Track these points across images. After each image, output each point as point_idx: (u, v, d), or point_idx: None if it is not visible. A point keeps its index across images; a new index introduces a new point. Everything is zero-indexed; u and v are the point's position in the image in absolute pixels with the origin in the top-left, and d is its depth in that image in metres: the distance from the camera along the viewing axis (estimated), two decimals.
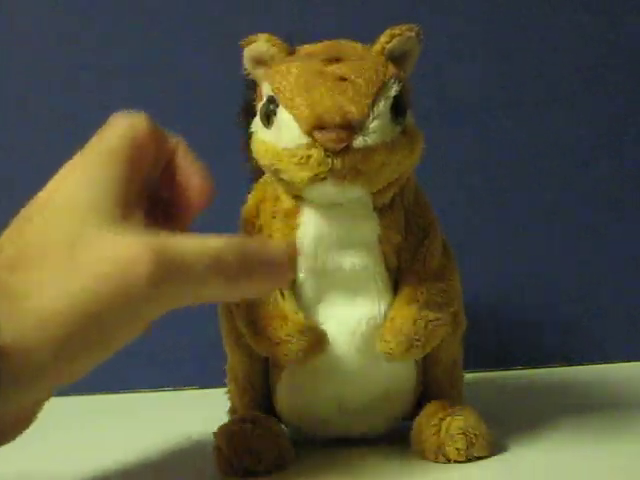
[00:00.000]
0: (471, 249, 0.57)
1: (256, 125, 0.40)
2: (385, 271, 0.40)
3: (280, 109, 0.38)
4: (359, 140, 0.36)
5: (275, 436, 0.41)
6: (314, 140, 0.36)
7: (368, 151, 0.36)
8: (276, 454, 0.40)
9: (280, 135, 0.38)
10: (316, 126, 0.36)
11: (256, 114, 0.40)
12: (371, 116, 0.36)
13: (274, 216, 0.41)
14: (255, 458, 0.39)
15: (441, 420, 0.40)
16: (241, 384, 0.44)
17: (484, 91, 0.64)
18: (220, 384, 0.46)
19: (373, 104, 0.37)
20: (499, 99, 0.64)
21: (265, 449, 0.40)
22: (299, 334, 0.39)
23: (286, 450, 0.41)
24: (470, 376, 0.48)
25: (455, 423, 0.40)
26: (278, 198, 0.41)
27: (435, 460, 0.40)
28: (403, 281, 0.41)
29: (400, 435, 0.43)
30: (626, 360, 0.63)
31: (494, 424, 0.41)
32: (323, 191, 0.37)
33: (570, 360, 0.64)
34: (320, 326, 0.40)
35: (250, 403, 0.44)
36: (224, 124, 0.44)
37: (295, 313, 0.40)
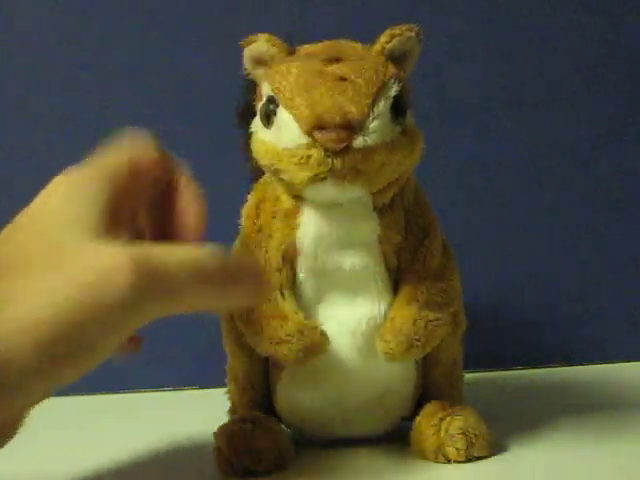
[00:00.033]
0: (471, 249, 0.57)
1: (256, 125, 0.40)
2: (385, 271, 0.40)
3: (280, 109, 0.38)
4: (359, 140, 0.36)
5: (275, 436, 0.41)
6: (314, 140, 0.36)
7: (368, 151, 0.36)
8: (276, 454, 0.40)
9: (280, 135, 0.38)
10: (316, 126, 0.36)
11: (256, 114, 0.40)
12: (371, 116, 0.36)
13: (274, 216, 0.41)
14: (255, 458, 0.39)
15: (441, 420, 0.40)
16: (241, 384, 0.44)
17: (484, 91, 0.64)
18: (220, 384, 0.46)
19: (373, 104, 0.37)
20: (499, 99, 0.64)
21: (265, 449, 0.40)
22: (299, 334, 0.39)
23: (286, 450, 0.41)
24: (470, 376, 0.48)
25: (455, 423, 0.40)
26: (278, 198, 0.41)
27: (435, 460, 0.40)
28: (403, 281, 0.41)
29: (400, 435, 0.43)
30: (626, 360, 0.63)
31: (494, 424, 0.41)
32: (323, 191, 0.37)
33: (570, 360, 0.64)
34: (320, 326, 0.40)
35: (250, 403, 0.44)
36: (224, 124, 0.44)
37: (295, 313, 0.40)
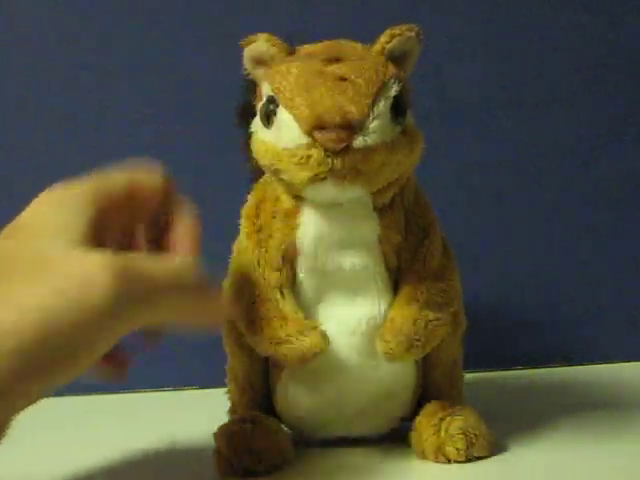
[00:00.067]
0: (471, 249, 0.57)
1: (256, 125, 0.40)
2: (385, 271, 0.40)
3: (280, 109, 0.38)
4: (359, 140, 0.36)
5: (275, 436, 0.41)
6: (314, 140, 0.36)
7: (368, 151, 0.36)
8: (276, 454, 0.40)
9: (280, 135, 0.38)
10: (316, 126, 0.36)
11: (256, 114, 0.40)
12: (371, 116, 0.36)
13: (274, 216, 0.41)
14: (255, 458, 0.39)
15: (441, 420, 0.40)
16: (241, 384, 0.44)
17: (484, 91, 0.64)
18: (220, 384, 0.46)
19: (373, 104, 0.37)
20: (499, 99, 0.64)
21: (265, 449, 0.40)
22: (299, 334, 0.39)
23: (286, 450, 0.41)
24: (470, 376, 0.48)
25: (455, 423, 0.40)
26: (278, 198, 0.41)
27: (435, 460, 0.40)
28: (403, 281, 0.41)
29: (400, 435, 0.43)
30: (626, 360, 0.63)
31: (494, 424, 0.41)
32: (323, 191, 0.37)
33: (570, 360, 0.64)
34: (320, 326, 0.40)
35: (250, 403, 0.44)
36: (224, 124, 0.44)
37: (295, 313, 0.40)
